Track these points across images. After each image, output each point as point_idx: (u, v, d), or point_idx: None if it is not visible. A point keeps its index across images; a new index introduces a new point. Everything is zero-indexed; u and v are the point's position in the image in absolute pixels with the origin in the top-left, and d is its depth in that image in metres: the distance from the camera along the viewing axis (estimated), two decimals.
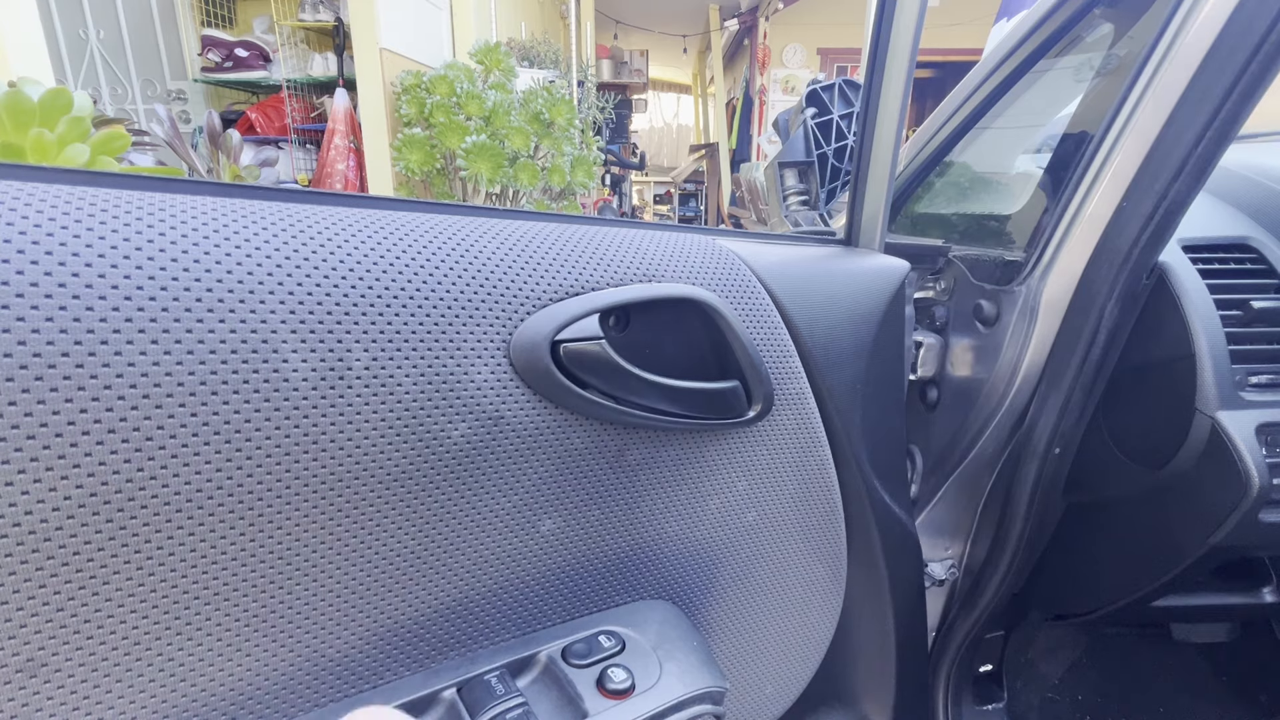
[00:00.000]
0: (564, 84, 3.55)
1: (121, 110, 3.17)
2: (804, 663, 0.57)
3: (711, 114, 8.36)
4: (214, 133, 2.14)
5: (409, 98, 2.59)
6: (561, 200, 2.94)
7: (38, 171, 0.31)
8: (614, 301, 0.39)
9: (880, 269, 0.54)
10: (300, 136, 3.21)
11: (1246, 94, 0.50)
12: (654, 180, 8.83)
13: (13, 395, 0.26)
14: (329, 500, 0.33)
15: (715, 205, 7.19)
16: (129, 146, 1.15)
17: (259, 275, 0.30)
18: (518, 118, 2.58)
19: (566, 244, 0.41)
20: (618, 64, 6.61)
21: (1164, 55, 0.56)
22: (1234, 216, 0.72)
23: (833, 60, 7.06)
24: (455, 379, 0.35)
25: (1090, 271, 0.61)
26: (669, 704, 0.39)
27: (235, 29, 3.33)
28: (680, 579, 0.48)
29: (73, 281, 0.27)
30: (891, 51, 0.52)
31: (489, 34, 3.64)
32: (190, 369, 0.29)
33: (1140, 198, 0.57)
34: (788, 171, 1.83)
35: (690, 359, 0.39)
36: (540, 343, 0.37)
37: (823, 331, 0.50)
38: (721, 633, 0.51)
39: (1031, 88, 0.78)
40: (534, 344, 0.37)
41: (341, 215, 0.35)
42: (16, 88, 0.97)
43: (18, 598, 0.27)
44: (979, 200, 0.85)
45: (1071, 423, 0.64)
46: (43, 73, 1.81)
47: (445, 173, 2.66)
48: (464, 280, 0.36)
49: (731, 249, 0.48)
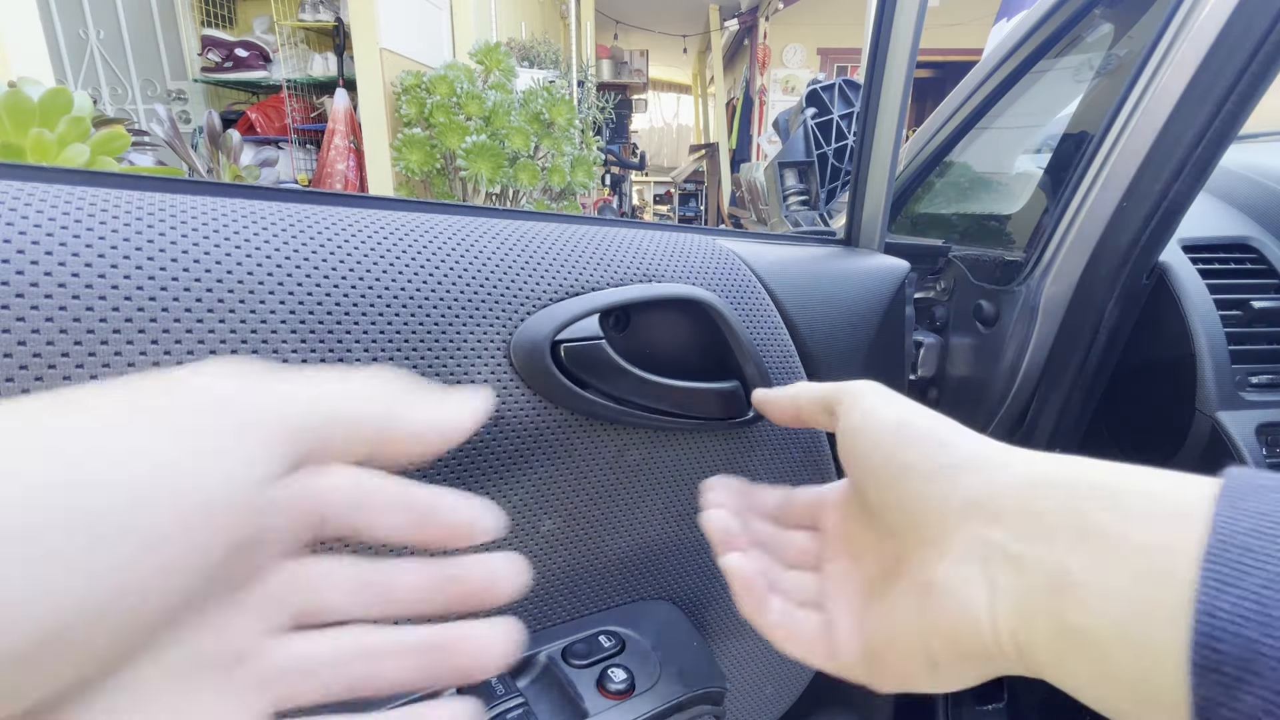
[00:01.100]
0: (564, 84, 3.55)
1: (121, 110, 3.17)
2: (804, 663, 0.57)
3: (711, 114, 8.36)
4: (214, 133, 2.14)
5: (409, 98, 2.59)
6: (561, 200, 2.94)
7: (38, 171, 0.31)
8: (614, 301, 0.39)
9: (880, 269, 0.54)
10: (300, 136, 3.21)
11: (1246, 94, 0.50)
12: (654, 180, 8.83)
13: (13, 396, 0.26)
14: None
15: (715, 205, 7.19)
16: (129, 146, 1.15)
17: (259, 275, 0.30)
18: (518, 118, 2.58)
19: (567, 244, 0.41)
20: (618, 64, 6.61)
21: (1164, 55, 0.56)
22: (1234, 216, 0.72)
23: (833, 60, 7.06)
24: (455, 379, 0.35)
25: (1090, 271, 0.61)
26: (669, 704, 0.39)
27: (235, 29, 3.33)
28: (680, 579, 0.48)
29: (73, 281, 0.27)
30: (891, 51, 0.52)
31: (489, 34, 3.64)
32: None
33: (1140, 198, 0.57)
34: (788, 171, 1.84)
35: (690, 359, 0.39)
36: (540, 343, 0.37)
37: (823, 331, 0.50)
38: (722, 633, 0.51)
39: (1031, 88, 0.78)
40: (534, 344, 0.37)
41: (342, 215, 0.35)
42: (16, 88, 0.97)
43: None
44: (979, 200, 0.85)
45: (1071, 423, 0.64)
46: (43, 73, 1.81)
47: (445, 173, 2.66)
48: (464, 280, 0.36)
49: (732, 249, 0.48)
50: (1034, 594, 0.20)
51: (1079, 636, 0.19)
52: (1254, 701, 0.15)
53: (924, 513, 0.24)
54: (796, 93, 6.67)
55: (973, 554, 0.22)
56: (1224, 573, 0.16)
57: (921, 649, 0.23)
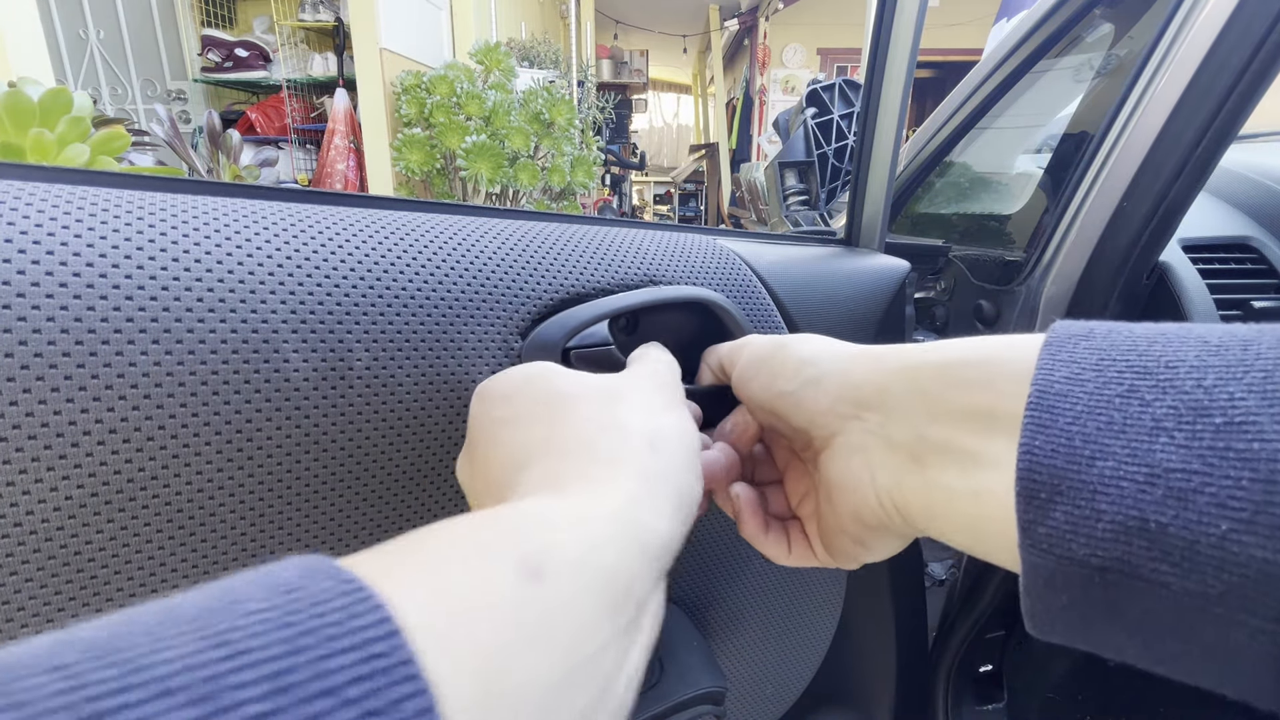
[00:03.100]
0: (564, 84, 3.55)
1: (121, 110, 3.17)
2: (804, 663, 0.57)
3: (711, 114, 8.36)
4: (214, 133, 2.14)
5: (409, 98, 2.59)
6: (561, 200, 2.94)
7: (38, 171, 0.31)
8: (627, 306, 0.39)
9: (881, 269, 0.54)
10: (300, 136, 3.21)
11: (1246, 94, 0.50)
12: (654, 180, 8.83)
13: (14, 395, 0.26)
14: (329, 501, 0.33)
15: (715, 205, 7.19)
16: (129, 146, 1.15)
17: (260, 275, 0.30)
18: (518, 118, 2.58)
19: (568, 244, 0.41)
20: (618, 64, 6.61)
21: (1164, 55, 0.56)
22: (1234, 216, 0.72)
23: (833, 60, 7.06)
24: (457, 379, 0.35)
25: (1090, 271, 0.61)
26: (669, 704, 0.39)
27: (235, 29, 3.33)
28: (681, 579, 0.48)
29: (74, 281, 0.27)
30: (891, 51, 0.52)
31: (489, 34, 3.64)
32: (191, 369, 0.29)
33: (1140, 198, 0.57)
34: (788, 171, 1.84)
35: (694, 360, 0.39)
36: (552, 350, 0.37)
37: (823, 331, 0.50)
38: (721, 633, 0.51)
39: (1031, 88, 0.78)
40: (546, 351, 0.37)
41: (342, 215, 0.35)
42: (16, 88, 0.97)
43: (19, 598, 0.27)
44: (979, 200, 0.85)
45: None
46: (43, 73, 1.81)
47: (445, 173, 2.66)
48: (465, 280, 0.36)
49: (732, 249, 0.47)
50: (902, 465, 0.24)
51: (939, 492, 0.22)
52: (1061, 516, 0.18)
53: (808, 425, 0.28)
54: (796, 93, 6.67)
55: (854, 444, 0.26)
56: (1041, 417, 0.19)
57: (845, 533, 0.27)
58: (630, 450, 0.23)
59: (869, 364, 0.26)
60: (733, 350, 0.34)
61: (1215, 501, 0.15)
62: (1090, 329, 0.20)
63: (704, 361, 0.38)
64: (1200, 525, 0.15)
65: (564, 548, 0.18)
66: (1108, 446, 0.17)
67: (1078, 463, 0.18)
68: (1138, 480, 0.17)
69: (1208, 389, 0.17)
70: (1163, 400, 0.17)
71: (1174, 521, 0.16)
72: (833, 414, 0.27)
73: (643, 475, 0.22)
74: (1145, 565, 0.16)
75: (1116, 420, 0.18)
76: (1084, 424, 0.18)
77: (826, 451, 0.28)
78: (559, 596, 0.16)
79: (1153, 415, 0.17)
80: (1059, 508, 0.18)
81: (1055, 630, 0.19)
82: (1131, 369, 0.18)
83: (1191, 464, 0.16)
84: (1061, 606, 0.18)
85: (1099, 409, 0.18)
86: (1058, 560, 0.18)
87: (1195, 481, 0.16)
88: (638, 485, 0.22)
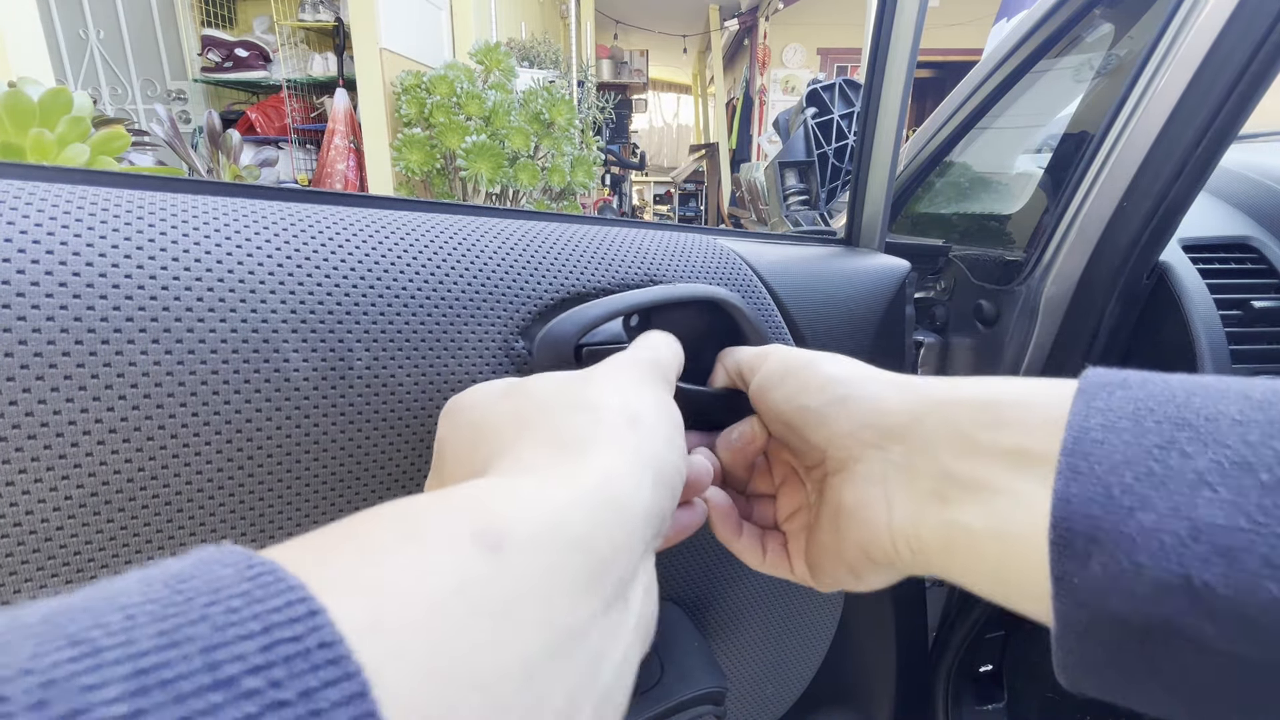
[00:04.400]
0: (564, 84, 3.55)
1: (121, 110, 3.17)
2: (804, 663, 0.57)
3: (711, 114, 8.36)
4: (214, 133, 2.14)
5: (409, 98, 2.59)
6: (561, 200, 2.94)
7: (38, 171, 0.31)
8: (641, 303, 0.39)
9: (881, 269, 0.54)
10: (300, 136, 3.21)
11: (1246, 94, 0.50)
12: (654, 180, 8.83)
13: (14, 395, 0.26)
14: (329, 501, 0.33)
15: (715, 205, 7.19)
16: (129, 146, 1.15)
17: (260, 275, 0.30)
18: (518, 118, 2.58)
19: (568, 244, 0.41)
20: (618, 64, 6.61)
21: (1164, 55, 0.56)
22: (1234, 216, 0.72)
23: (833, 60, 7.06)
24: (457, 379, 0.35)
25: (1090, 271, 0.61)
26: (669, 704, 0.39)
27: (235, 29, 3.33)
28: (681, 579, 0.48)
29: (74, 281, 0.27)
30: (891, 51, 0.52)
31: (489, 34, 3.64)
32: (191, 368, 0.29)
33: (1140, 198, 0.57)
34: (788, 171, 1.84)
35: (702, 360, 0.39)
36: (564, 346, 0.36)
37: (823, 331, 0.50)
38: (721, 633, 0.51)
39: (1031, 88, 0.78)
40: (558, 347, 0.36)
41: (342, 215, 0.35)
42: (16, 88, 0.97)
43: (18, 598, 0.27)
44: (979, 200, 0.85)
45: None
46: (43, 73, 1.81)
47: (445, 173, 2.66)
48: (465, 280, 0.36)
49: (733, 249, 0.47)
50: (923, 500, 0.23)
51: (960, 532, 0.21)
52: (1098, 569, 0.17)
53: (825, 444, 0.27)
54: (796, 93, 6.67)
55: (873, 474, 0.25)
56: (1076, 463, 0.18)
57: (843, 561, 0.27)
58: (607, 427, 0.22)
59: (902, 393, 0.26)
60: (755, 357, 0.33)
61: (1266, 561, 0.15)
62: (1125, 378, 0.20)
63: (720, 362, 0.37)
64: (1249, 586, 0.15)
65: (527, 519, 0.16)
66: (1148, 498, 0.17)
67: (1116, 513, 0.17)
68: (1180, 535, 0.16)
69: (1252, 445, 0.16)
70: (1204, 454, 0.16)
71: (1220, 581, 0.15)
72: (854, 439, 0.26)
73: (620, 450, 0.21)
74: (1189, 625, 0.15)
75: (1156, 472, 0.17)
76: (1121, 474, 0.17)
77: (840, 475, 0.27)
78: (524, 569, 0.15)
79: (1194, 468, 0.16)
80: (1095, 560, 0.17)
81: (1089, 683, 0.19)
82: (1170, 420, 0.18)
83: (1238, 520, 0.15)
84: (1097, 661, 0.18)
85: (1137, 459, 0.17)
86: (1092, 614, 0.17)
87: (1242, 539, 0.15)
88: (614, 460, 0.21)
